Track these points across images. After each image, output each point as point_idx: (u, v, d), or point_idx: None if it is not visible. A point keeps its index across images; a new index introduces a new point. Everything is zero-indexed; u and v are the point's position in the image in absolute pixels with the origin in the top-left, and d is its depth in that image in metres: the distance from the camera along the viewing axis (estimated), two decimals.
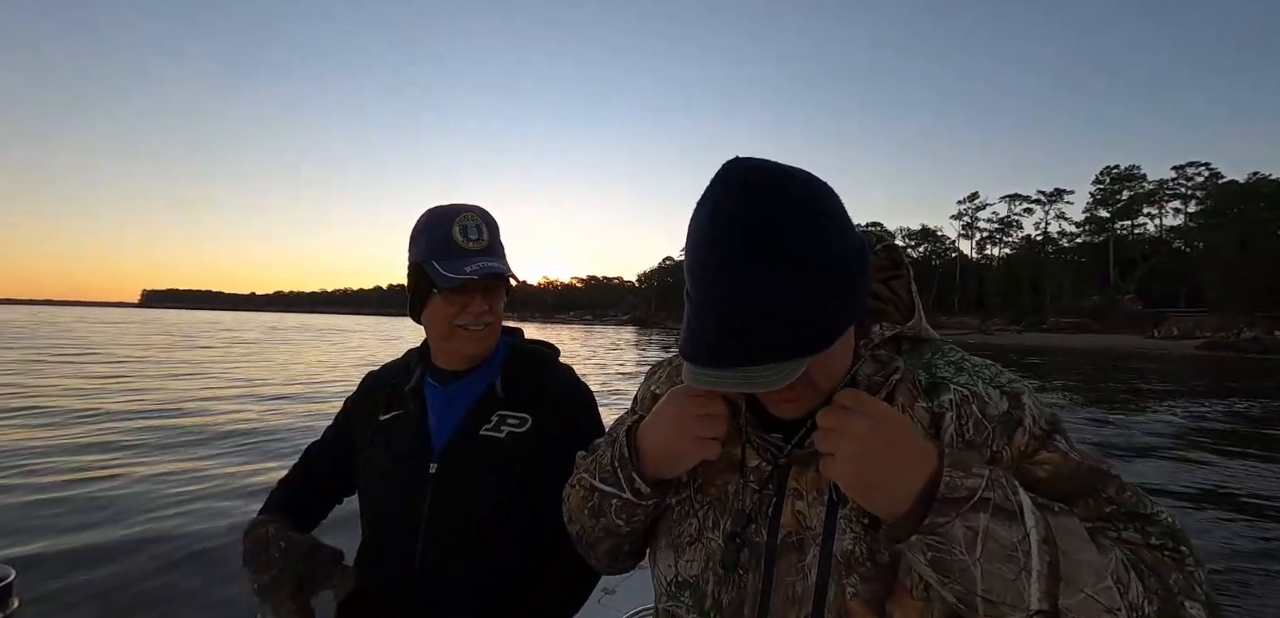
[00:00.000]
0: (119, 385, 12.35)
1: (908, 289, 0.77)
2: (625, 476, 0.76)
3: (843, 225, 0.64)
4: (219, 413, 9.52)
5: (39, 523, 4.56)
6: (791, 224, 0.59)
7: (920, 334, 0.75)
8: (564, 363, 1.27)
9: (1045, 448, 0.66)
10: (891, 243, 0.79)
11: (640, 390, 0.92)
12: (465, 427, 1.13)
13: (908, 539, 0.57)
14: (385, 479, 1.15)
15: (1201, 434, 10.07)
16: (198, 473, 6.04)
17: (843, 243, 0.63)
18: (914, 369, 0.72)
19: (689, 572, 0.74)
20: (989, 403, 0.68)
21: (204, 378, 14.26)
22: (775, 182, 0.61)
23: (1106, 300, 66.15)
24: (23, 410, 9.11)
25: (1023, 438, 0.66)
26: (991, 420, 0.66)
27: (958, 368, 0.72)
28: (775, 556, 0.69)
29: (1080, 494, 0.63)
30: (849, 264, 0.63)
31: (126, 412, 9.30)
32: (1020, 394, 0.68)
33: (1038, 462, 0.65)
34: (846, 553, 0.65)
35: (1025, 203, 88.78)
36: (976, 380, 0.70)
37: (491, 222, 1.17)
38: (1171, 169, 77.23)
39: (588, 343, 40.75)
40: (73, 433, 7.62)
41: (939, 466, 0.58)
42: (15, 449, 6.71)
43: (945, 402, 0.68)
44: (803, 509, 0.69)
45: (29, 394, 10.67)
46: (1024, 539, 0.54)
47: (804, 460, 0.70)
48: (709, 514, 0.75)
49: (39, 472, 5.86)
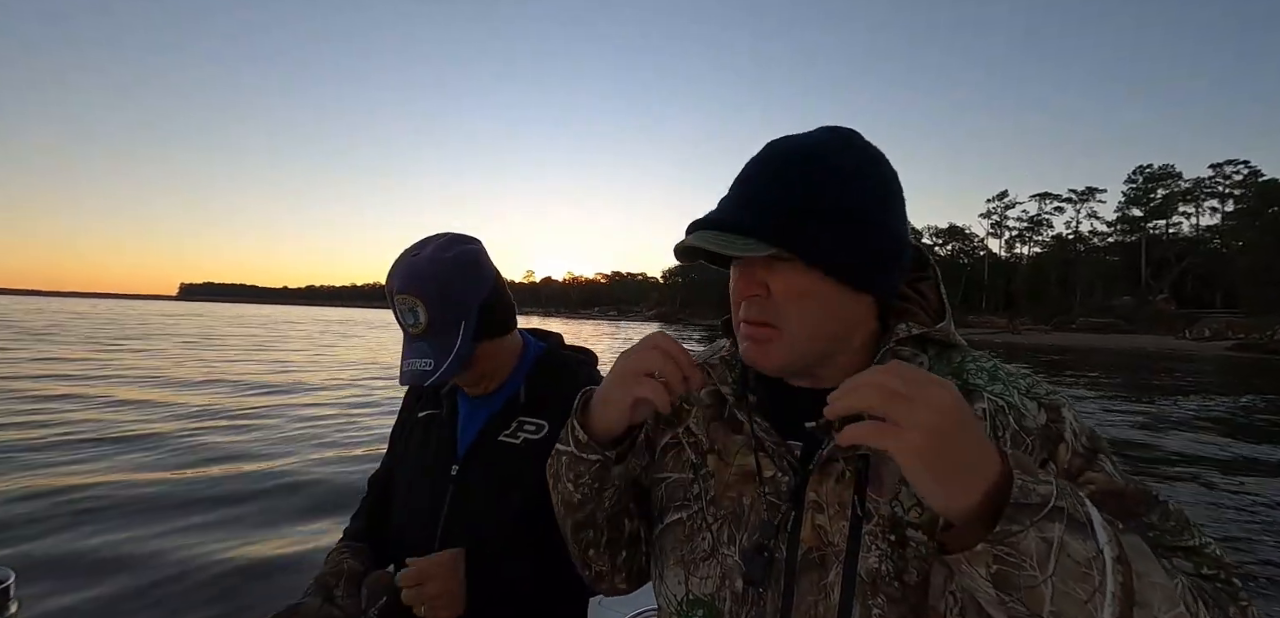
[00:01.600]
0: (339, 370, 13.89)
1: (936, 291, 0.75)
2: (570, 425, 0.74)
3: (879, 191, 0.66)
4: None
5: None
6: (835, 153, 0.65)
7: (948, 339, 0.71)
8: (589, 370, 1.25)
9: (1090, 468, 0.61)
10: (918, 243, 0.76)
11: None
12: (486, 433, 1.15)
13: (974, 547, 0.50)
14: (413, 477, 1.18)
15: (1181, 427, 10.91)
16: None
17: (872, 201, 0.65)
18: (942, 374, 0.64)
19: (703, 590, 0.70)
20: (1026, 415, 0.63)
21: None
22: (844, 131, 0.69)
23: (1138, 301, 65.43)
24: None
25: (1066, 454, 0.61)
26: (1030, 433, 0.62)
27: (991, 376, 0.67)
28: (796, 573, 0.65)
29: (1126, 519, 0.57)
30: (868, 220, 0.64)
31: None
32: (1060, 407, 0.64)
33: (1083, 481, 0.60)
34: (872, 571, 0.61)
35: (1056, 201, 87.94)
36: (1012, 391, 0.65)
37: (429, 291, 1.04)
38: (1209, 167, 76.11)
39: (619, 336, 41.62)
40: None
41: (1005, 465, 0.51)
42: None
43: (979, 410, 0.64)
44: (823, 523, 0.65)
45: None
46: (1098, 556, 0.48)
47: (824, 471, 0.66)
48: (723, 529, 0.71)
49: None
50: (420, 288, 1.03)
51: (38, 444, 6.31)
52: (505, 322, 1.15)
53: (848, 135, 0.68)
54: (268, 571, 3.77)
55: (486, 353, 1.12)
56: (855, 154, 0.67)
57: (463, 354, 1.05)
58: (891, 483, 0.63)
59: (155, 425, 7.60)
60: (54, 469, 5.48)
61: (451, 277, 1.06)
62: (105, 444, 6.54)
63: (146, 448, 6.46)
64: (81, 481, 5.15)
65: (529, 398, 1.15)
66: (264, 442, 7.04)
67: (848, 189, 0.64)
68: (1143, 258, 72.93)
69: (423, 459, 1.18)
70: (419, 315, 1.04)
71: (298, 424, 8.12)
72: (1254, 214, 58.35)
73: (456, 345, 1.05)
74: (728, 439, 0.74)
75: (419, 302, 1.03)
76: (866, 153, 0.68)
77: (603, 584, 0.85)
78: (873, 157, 0.68)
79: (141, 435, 7.02)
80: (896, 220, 0.67)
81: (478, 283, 1.10)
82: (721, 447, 0.74)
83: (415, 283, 1.03)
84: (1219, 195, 72.37)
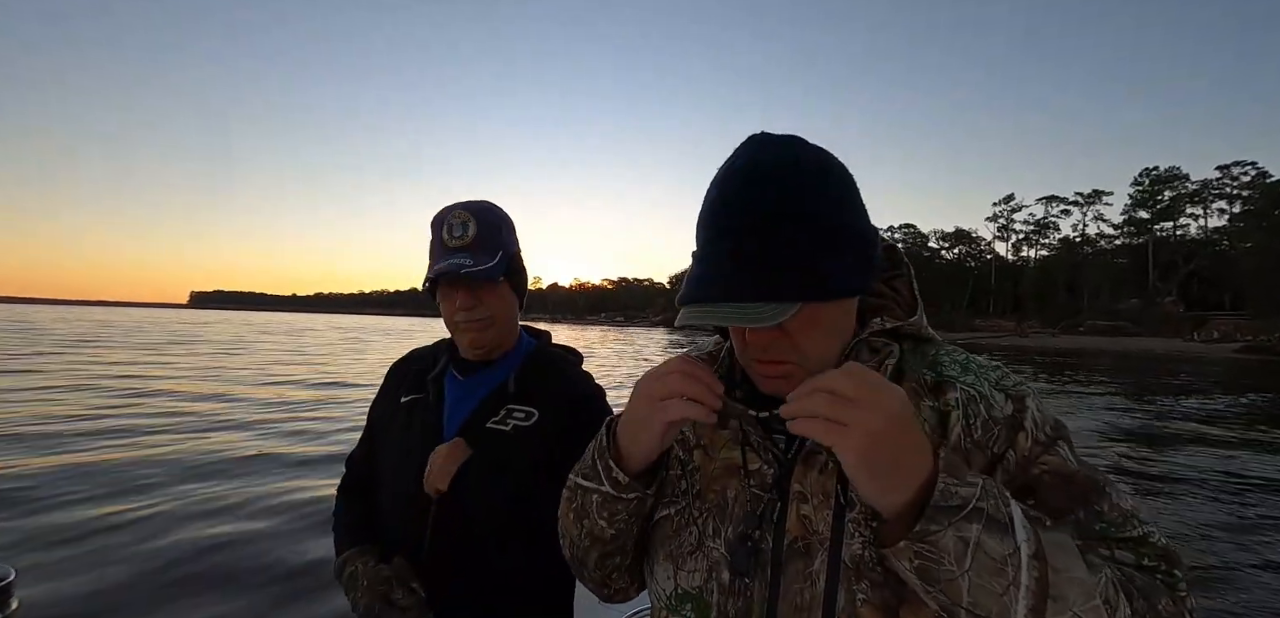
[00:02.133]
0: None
1: (909, 287, 0.77)
2: (603, 465, 0.73)
3: (855, 198, 0.68)
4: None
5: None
6: (810, 176, 0.65)
7: (921, 333, 0.74)
8: (581, 368, 1.29)
9: (1047, 453, 0.64)
10: (890, 243, 0.78)
11: None
12: (474, 418, 1.16)
13: (895, 544, 0.56)
14: (399, 459, 1.19)
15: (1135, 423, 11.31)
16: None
17: (854, 212, 0.67)
18: (918, 368, 0.71)
19: (691, 583, 0.71)
20: (995, 405, 0.66)
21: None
22: (796, 143, 0.68)
23: (1145, 303, 65.50)
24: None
25: (1026, 442, 0.65)
26: (997, 423, 0.65)
27: (963, 368, 0.70)
28: (782, 562, 0.66)
29: (1076, 505, 0.61)
30: (857, 231, 0.67)
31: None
32: (1024, 397, 0.67)
33: (1038, 464, 0.64)
34: (856, 558, 0.63)
35: (1063, 204, 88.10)
36: (982, 382, 0.68)
37: (484, 215, 1.17)
38: (1216, 168, 76.02)
39: (626, 340, 41.74)
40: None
41: (935, 468, 0.55)
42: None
43: (952, 399, 0.67)
44: (808, 513, 0.66)
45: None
46: (1015, 553, 0.53)
47: (807, 462, 0.68)
48: (709, 522, 0.72)
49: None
50: (474, 209, 1.17)
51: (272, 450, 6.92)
52: (521, 288, 1.26)
53: (798, 147, 0.68)
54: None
55: (503, 297, 1.21)
56: (818, 167, 0.67)
57: (498, 269, 1.16)
58: None
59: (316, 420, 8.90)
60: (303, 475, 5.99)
61: (498, 215, 1.22)
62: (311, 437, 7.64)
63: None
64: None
65: (518, 388, 1.19)
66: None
67: (831, 210, 0.65)
68: (1150, 260, 72.93)
69: (407, 443, 1.19)
70: (469, 229, 1.15)
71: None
72: (1261, 216, 58.33)
73: (494, 261, 1.16)
74: (714, 434, 0.76)
75: (473, 218, 1.16)
76: (824, 161, 0.68)
77: (619, 598, 0.86)
78: (828, 162, 0.68)
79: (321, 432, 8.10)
80: (863, 216, 0.69)
81: (512, 235, 1.24)
82: (707, 442, 0.76)
83: (470, 205, 1.18)
84: (1227, 197, 72.37)
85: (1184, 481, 7.11)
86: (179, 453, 6.53)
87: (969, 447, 0.65)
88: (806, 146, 0.68)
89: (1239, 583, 4.27)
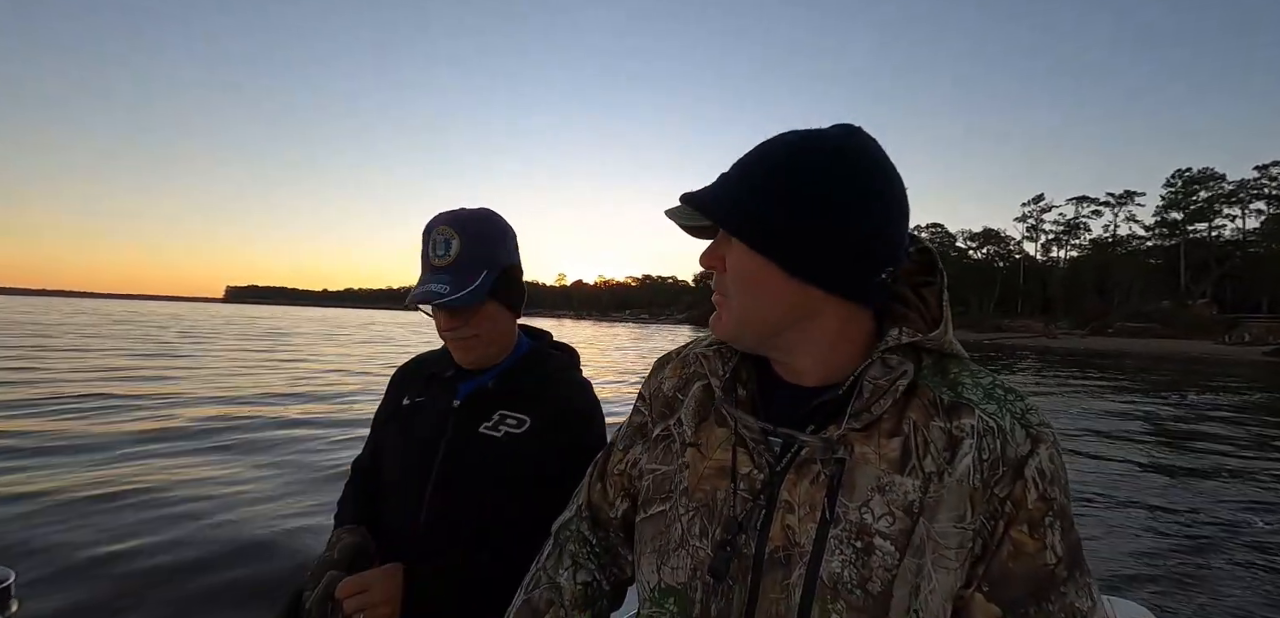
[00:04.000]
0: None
1: (939, 298, 0.70)
2: None
3: (868, 202, 0.64)
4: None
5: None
6: (822, 155, 0.65)
7: (944, 348, 0.68)
8: (572, 370, 1.27)
9: (1030, 526, 0.61)
10: (926, 245, 0.73)
11: (647, 387, 0.89)
12: (469, 423, 1.16)
13: None
14: (399, 460, 1.20)
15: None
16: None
17: (855, 212, 0.64)
18: (936, 386, 0.66)
19: (674, 579, 0.71)
20: (1011, 442, 0.62)
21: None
22: (844, 128, 0.68)
23: (1177, 305, 65.19)
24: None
25: (1027, 494, 0.61)
26: (1009, 463, 0.62)
27: (987, 394, 0.66)
28: (762, 570, 0.65)
29: (1026, 601, 0.60)
30: (846, 227, 0.64)
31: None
32: (1041, 440, 0.63)
33: (1015, 537, 0.61)
34: (834, 576, 0.61)
35: (1093, 205, 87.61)
36: (1004, 414, 0.64)
37: (469, 230, 1.14)
38: (1254, 168, 75.00)
39: (649, 340, 41.66)
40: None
41: None
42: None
43: (967, 426, 0.63)
44: (793, 524, 0.65)
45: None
46: None
47: (799, 471, 0.66)
48: (696, 520, 0.71)
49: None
50: (460, 225, 1.14)
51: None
52: (515, 301, 1.22)
53: (847, 130, 0.67)
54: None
55: (491, 315, 1.17)
56: (841, 149, 0.65)
57: (479, 292, 1.11)
58: (863, 489, 0.63)
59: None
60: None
61: (488, 228, 1.17)
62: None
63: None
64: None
65: (501, 389, 1.19)
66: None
67: (813, 181, 0.64)
68: (1182, 262, 72.45)
69: (407, 446, 1.20)
70: (452, 247, 1.12)
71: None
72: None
73: (476, 283, 1.12)
74: (711, 433, 0.75)
75: (456, 235, 1.12)
76: (856, 149, 0.66)
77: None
78: (860, 152, 0.66)
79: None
80: (873, 221, 0.65)
81: (506, 247, 1.20)
82: (703, 440, 0.75)
83: (457, 220, 1.15)
84: (1266, 197, 71.46)
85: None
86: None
87: (975, 485, 0.61)
88: (854, 132, 0.67)
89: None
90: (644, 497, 0.80)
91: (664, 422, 0.82)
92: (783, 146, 0.67)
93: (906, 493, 0.62)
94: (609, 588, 0.85)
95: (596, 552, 0.87)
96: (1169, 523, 5.35)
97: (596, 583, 0.84)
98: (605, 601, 0.84)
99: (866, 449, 0.65)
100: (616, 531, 0.87)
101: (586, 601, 0.81)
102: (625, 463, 0.87)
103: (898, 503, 0.62)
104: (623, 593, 0.88)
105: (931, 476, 0.62)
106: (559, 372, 1.25)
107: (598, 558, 0.86)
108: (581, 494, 0.93)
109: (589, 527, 0.89)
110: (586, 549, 0.87)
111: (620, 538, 0.87)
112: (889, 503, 0.62)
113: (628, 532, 0.85)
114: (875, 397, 0.65)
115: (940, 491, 0.62)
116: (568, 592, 0.81)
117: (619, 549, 0.87)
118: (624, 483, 0.87)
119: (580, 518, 0.90)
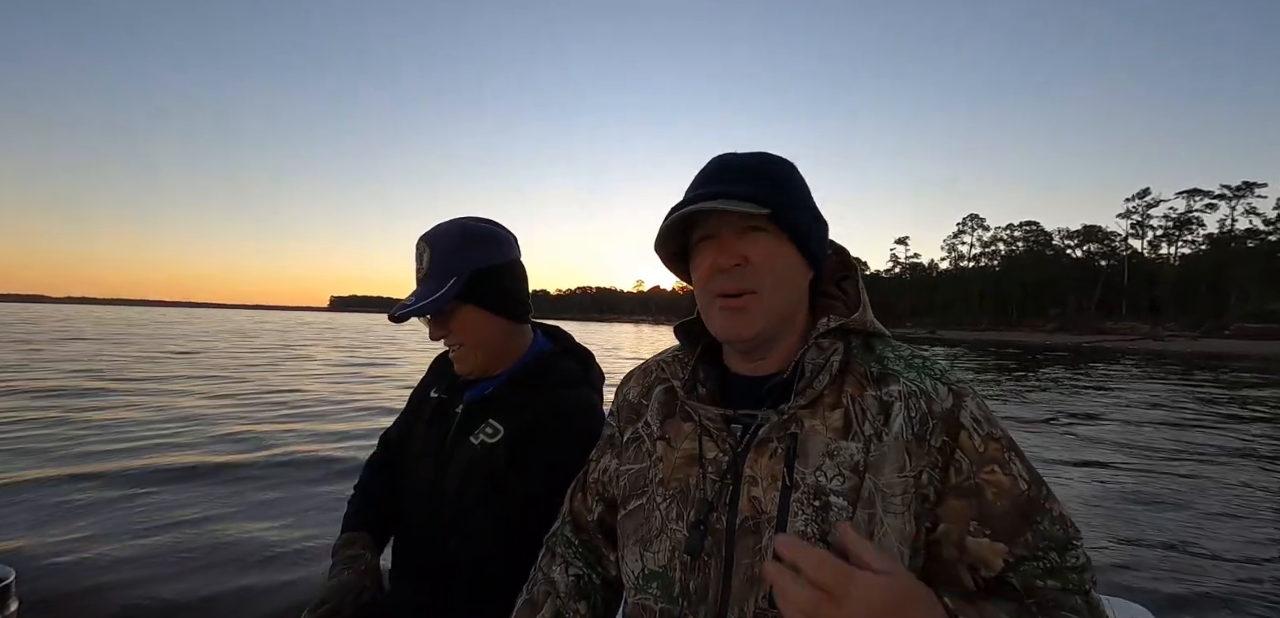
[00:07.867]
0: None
1: (856, 288, 0.82)
2: None
3: (810, 194, 0.80)
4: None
5: None
6: (777, 160, 0.79)
7: (867, 328, 0.79)
8: (570, 380, 1.23)
9: (998, 466, 0.69)
10: (840, 245, 0.85)
11: (614, 401, 0.97)
12: (460, 428, 1.19)
13: None
14: (415, 454, 1.25)
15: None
16: None
17: (811, 200, 0.79)
18: (865, 361, 0.76)
19: (656, 563, 0.77)
20: (935, 398, 0.72)
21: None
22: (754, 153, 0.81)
23: None
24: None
25: (970, 442, 0.70)
26: (936, 416, 0.71)
27: (907, 363, 0.76)
28: (734, 539, 0.72)
29: (1022, 526, 0.67)
30: (815, 212, 0.79)
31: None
32: (964, 395, 0.72)
33: (989, 480, 0.69)
34: (799, 534, 0.68)
35: (1207, 198, 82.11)
36: (925, 377, 0.74)
37: (439, 242, 1.17)
38: None
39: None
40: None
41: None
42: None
43: (894, 392, 0.72)
44: (758, 495, 0.72)
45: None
46: None
47: (759, 448, 0.73)
48: (672, 507, 0.78)
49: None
50: (432, 237, 1.17)
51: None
52: (501, 302, 1.19)
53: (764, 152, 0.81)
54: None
55: (468, 319, 1.17)
56: (780, 159, 0.80)
57: (440, 300, 1.13)
58: (816, 456, 0.71)
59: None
60: None
61: (458, 240, 1.18)
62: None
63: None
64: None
65: (497, 397, 1.19)
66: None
67: (803, 186, 0.79)
68: None
69: (424, 441, 1.24)
70: (424, 260, 1.16)
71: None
72: None
73: (441, 291, 1.13)
74: (678, 428, 0.83)
75: (428, 248, 1.16)
76: (786, 161, 0.81)
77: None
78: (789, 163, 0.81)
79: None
80: (817, 210, 0.80)
81: (479, 251, 1.18)
82: (671, 435, 0.83)
83: (431, 233, 1.18)
84: None
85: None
86: None
87: (909, 439, 0.70)
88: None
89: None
90: (622, 496, 0.86)
91: (632, 426, 0.90)
92: (770, 158, 0.80)
93: (852, 455, 0.70)
94: (599, 582, 0.92)
95: (582, 552, 0.94)
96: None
97: (587, 577, 0.92)
98: (598, 594, 0.91)
99: (814, 422, 0.73)
100: (595, 532, 0.94)
101: (580, 592, 0.89)
102: (599, 472, 0.95)
103: (846, 464, 0.70)
104: (615, 593, 0.93)
105: (871, 438, 0.71)
106: (552, 382, 1.21)
107: (584, 557, 0.94)
108: (565, 505, 0.99)
109: (572, 530, 0.96)
110: (572, 550, 0.94)
111: (600, 539, 0.94)
112: (839, 465, 0.70)
113: (606, 533, 0.93)
114: (815, 374, 0.74)
115: (881, 449, 0.70)
116: (562, 585, 0.90)
117: (601, 549, 0.94)
118: (599, 490, 0.94)
119: (564, 523, 0.97)
